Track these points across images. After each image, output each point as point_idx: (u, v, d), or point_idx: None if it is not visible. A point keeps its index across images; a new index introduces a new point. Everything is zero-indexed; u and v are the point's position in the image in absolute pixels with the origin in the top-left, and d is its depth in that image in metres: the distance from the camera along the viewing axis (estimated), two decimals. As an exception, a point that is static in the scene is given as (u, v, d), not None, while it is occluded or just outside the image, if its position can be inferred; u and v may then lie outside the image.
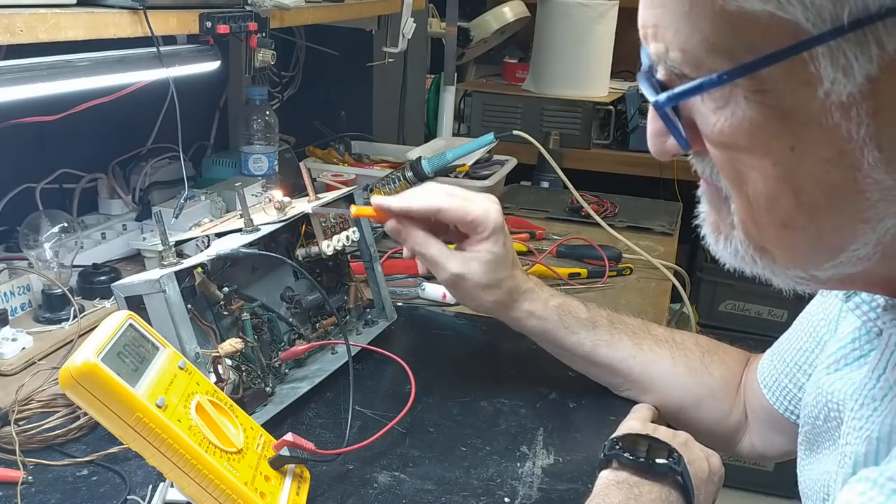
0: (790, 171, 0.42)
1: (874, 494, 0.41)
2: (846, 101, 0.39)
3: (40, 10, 0.85)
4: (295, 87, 1.98)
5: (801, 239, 0.46)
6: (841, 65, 0.38)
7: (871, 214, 0.43)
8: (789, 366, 0.82)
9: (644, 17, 0.46)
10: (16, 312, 1.12)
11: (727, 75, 0.41)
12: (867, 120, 0.39)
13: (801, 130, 0.41)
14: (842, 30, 0.37)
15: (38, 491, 0.78)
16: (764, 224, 0.46)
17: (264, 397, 0.92)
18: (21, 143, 1.28)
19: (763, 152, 0.43)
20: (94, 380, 0.63)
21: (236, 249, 0.90)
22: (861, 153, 0.40)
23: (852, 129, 0.40)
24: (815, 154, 0.41)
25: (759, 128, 0.42)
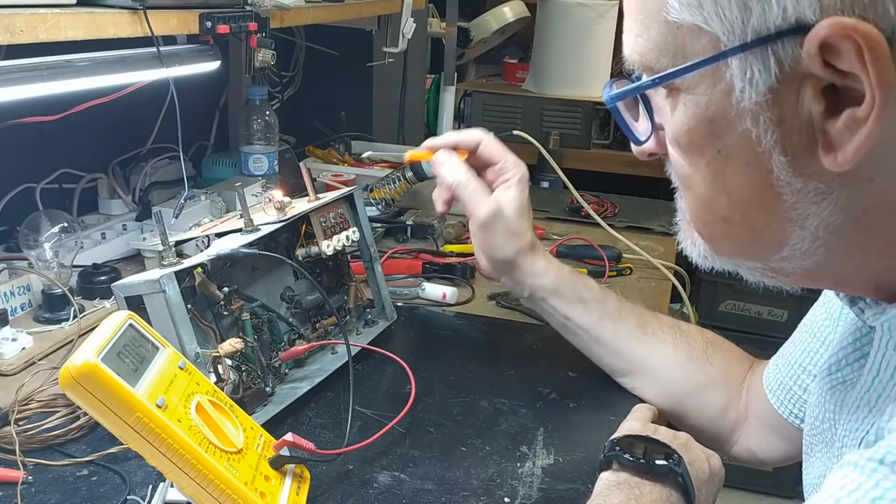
0: (720, 172, 0.48)
1: (856, 476, 0.41)
2: (754, 108, 0.44)
3: (40, 10, 0.85)
4: (295, 87, 1.98)
5: (742, 233, 0.50)
6: (748, 76, 0.43)
7: (793, 215, 0.47)
8: (793, 368, 0.82)
9: (625, 26, 0.51)
10: (16, 312, 1.12)
11: (660, 79, 0.47)
12: (773, 127, 0.44)
13: (723, 135, 0.46)
14: (747, 45, 0.42)
15: (38, 491, 0.78)
16: (709, 221, 0.52)
17: (264, 397, 0.92)
18: (21, 143, 1.28)
19: (699, 154, 0.49)
20: (94, 380, 0.63)
21: (236, 249, 0.90)
22: (770, 157, 0.45)
23: (762, 135, 0.45)
24: (737, 157, 0.47)
25: (694, 131, 0.48)
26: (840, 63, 0.41)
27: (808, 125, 0.44)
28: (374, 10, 1.82)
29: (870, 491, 0.40)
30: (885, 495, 0.39)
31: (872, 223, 0.46)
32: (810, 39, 0.41)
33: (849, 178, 0.45)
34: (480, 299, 1.29)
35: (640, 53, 0.49)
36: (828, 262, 0.49)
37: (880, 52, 0.39)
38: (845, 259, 0.49)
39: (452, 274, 1.35)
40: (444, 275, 1.35)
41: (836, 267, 0.50)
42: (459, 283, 1.32)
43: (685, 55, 0.46)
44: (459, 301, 1.27)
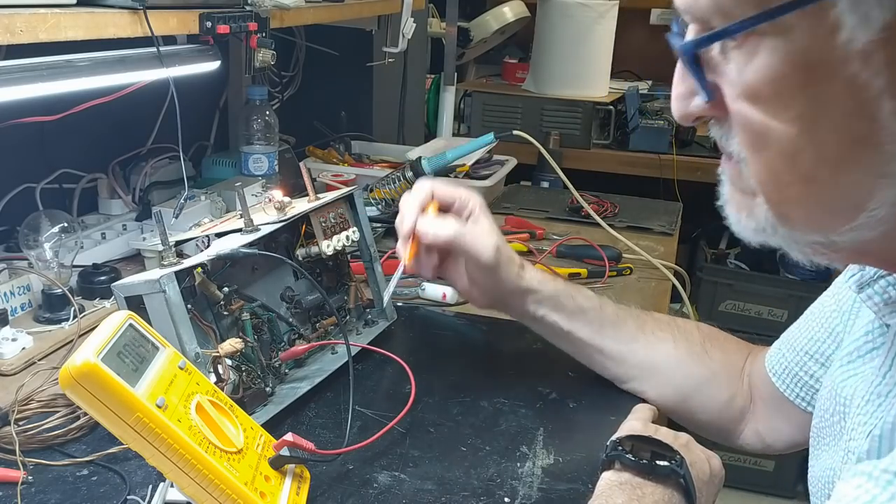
0: (811, 124, 0.43)
1: (870, 487, 0.41)
2: (865, 49, 0.40)
3: (40, 11, 0.85)
4: (295, 87, 1.98)
5: (825, 195, 0.46)
6: (860, 11, 0.39)
7: (889, 169, 0.43)
8: (800, 354, 0.82)
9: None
10: (16, 312, 1.12)
11: (753, 20, 0.42)
12: (884, 69, 0.40)
13: (822, 81, 0.42)
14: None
15: (38, 491, 0.78)
16: (786, 182, 0.46)
17: (264, 397, 0.92)
18: (21, 143, 1.28)
19: (786, 105, 0.43)
20: (94, 380, 0.62)
21: (236, 249, 0.90)
22: (878, 104, 0.41)
23: (871, 79, 0.40)
24: (836, 106, 0.42)
25: (784, 79, 0.43)
26: None
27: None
28: (374, 10, 1.82)
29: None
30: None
31: None
32: None
33: None
34: (480, 299, 1.29)
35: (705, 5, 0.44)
36: (891, 232, 0.46)
37: None
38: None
39: (452, 274, 1.35)
40: (444, 275, 1.34)
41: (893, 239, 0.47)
42: (459, 283, 1.32)
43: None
44: (459, 301, 1.27)
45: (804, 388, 0.82)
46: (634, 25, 2.85)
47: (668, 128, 2.46)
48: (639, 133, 2.49)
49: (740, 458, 2.41)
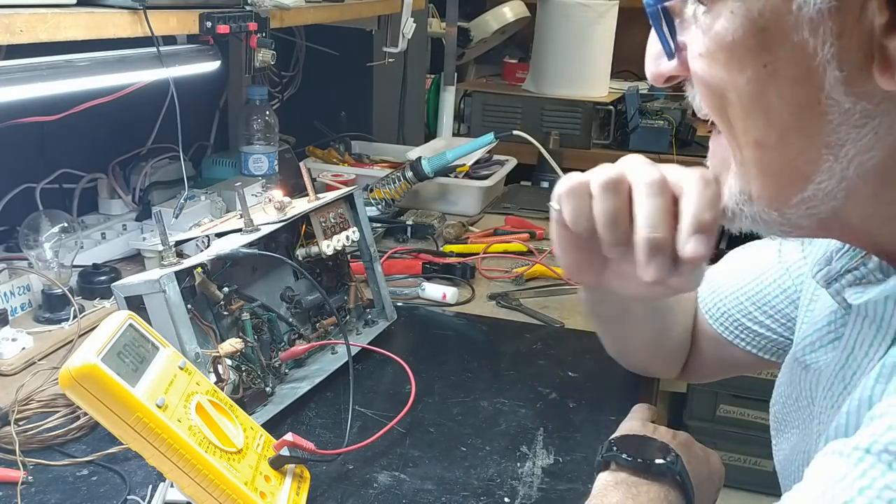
0: (762, 89, 0.46)
1: (841, 464, 0.41)
2: (815, 17, 0.42)
3: (40, 10, 0.85)
4: (295, 87, 1.98)
5: (774, 161, 0.48)
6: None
7: (832, 139, 0.45)
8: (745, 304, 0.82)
9: None
10: (16, 312, 1.12)
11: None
12: (832, 39, 0.43)
13: (774, 46, 0.44)
14: None
15: (38, 491, 0.78)
16: (741, 143, 0.49)
17: (264, 397, 0.92)
18: (21, 143, 1.28)
19: (739, 69, 0.46)
20: (94, 380, 0.63)
21: (236, 249, 0.90)
22: (824, 73, 0.43)
23: (818, 47, 0.43)
24: (785, 72, 0.45)
25: (739, 42, 0.45)
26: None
27: (868, 39, 0.42)
28: (374, 10, 1.82)
29: (856, 480, 0.40)
30: (872, 484, 0.39)
31: None
32: None
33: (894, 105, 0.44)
34: (480, 299, 1.29)
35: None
36: (844, 208, 0.48)
37: None
38: (858, 207, 0.49)
39: (452, 274, 1.35)
40: (444, 275, 1.35)
41: (849, 215, 0.49)
42: (459, 283, 1.32)
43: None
44: (459, 301, 1.27)
45: (748, 333, 0.83)
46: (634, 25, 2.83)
47: (668, 128, 2.46)
48: (639, 133, 2.49)
49: (741, 458, 2.41)
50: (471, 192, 1.73)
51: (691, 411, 2.47)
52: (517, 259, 1.45)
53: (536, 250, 1.47)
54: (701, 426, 2.43)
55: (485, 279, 1.37)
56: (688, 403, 2.47)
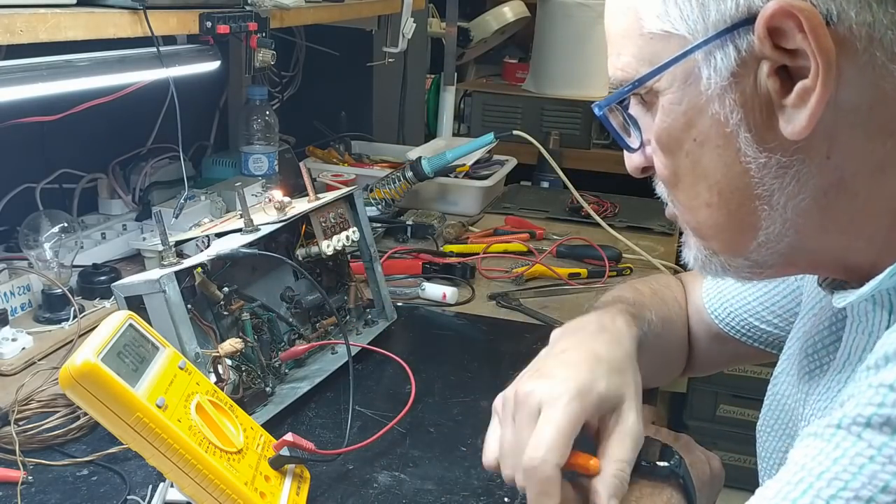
0: (697, 159, 0.54)
1: (817, 444, 0.44)
2: (720, 92, 0.50)
3: (40, 10, 0.85)
4: (295, 87, 1.98)
5: (723, 218, 0.55)
6: (712, 64, 0.50)
7: (760, 191, 0.52)
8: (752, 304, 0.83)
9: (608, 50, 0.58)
10: (16, 312, 1.12)
11: (641, 79, 0.53)
12: (737, 107, 0.50)
13: (697, 123, 0.52)
14: (709, 39, 0.50)
15: (38, 491, 0.78)
16: (695, 208, 0.57)
17: (264, 397, 0.92)
18: (21, 143, 1.28)
19: (678, 147, 0.55)
20: (94, 380, 0.62)
21: (236, 249, 0.90)
22: (737, 136, 0.51)
23: (728, 116, 0.51)
24: (710, 141, 0.52)
25: (672, 127, 0.54)
26: (787, 43, 0.47)
27: (768, 102, 0.49)
28: (374, 10, 1.82)
29: (831, 453, 0.42)
30: (846, 454, 0.42)
31: (832, 203, 0.51)
32: (759, 23, 0.47)
33: (806, 153, 0.50)
34: (480, 299, 1.29)
35: (622, 69, 0.55)
36: (800, 243, 0.54)
37: (816, 23, 0.46)
38: (813, 240, 0.54)
39: (452, 274, 1.35)
40: (444, 275, 1.35)
41: (807, 249, 0.55)
42: (459, 283, 1.32)
43: (659, 59, 0.52)
44: (459, 301, 1.27)
45: (755, 331, 0.84)
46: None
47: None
48: (639, 133, 2.49)
49: (741, 458, 2.41)
50: (471, 192, 1.73)
51: (691, 411, 2.47)
52: (517, 259, 1.45)
53: (536, 250, 1.47)
54: (701, 426, 2.43)
55: (485, 279, 1.37)
56: (688, 403, 2.47)
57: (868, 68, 0.48)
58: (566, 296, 1.33)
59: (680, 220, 0.61)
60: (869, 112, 0.49)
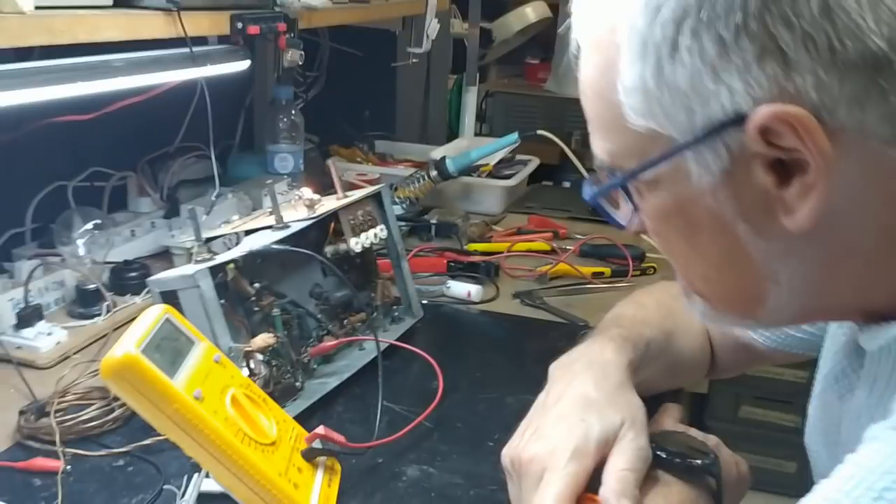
0: (692, 240, 0.53)
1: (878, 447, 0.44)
2: (711, 188, 0.49)
3: (79, 12, 0.87)
4: (319, 87, 1.99)
5: (724, 290, 0.55)
6: (702, 163, 0.48)
7: (764, 271, 0.51)
8: None
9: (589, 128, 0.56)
10: (50, 307, 1.14)
11: (630, 175, 0.53)
12: (730, 201, 0.49)
13: (689, 211, 0.51)
14: (698, 139, 0.47)
15: (76, 480, 0.80)
16: (693, 279, 0.57)
17: (294, 392, 0.93)
18: (54, 142, 1.31)
19: (671, 227, 0.54)
20: (134, 371, 0.64)
21: (268, 245, 0.92)
22: (735, 226, 0.50)
23: (722, 209, 0.49)
24: (704, 228, 0.51)
25: (662, 212, 0.53)
26: (781, 141, 0.45)
27: (765, 195, 0.47)
28: (398, 11, 1.83)
29: (886, 451, 0.43)
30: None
31: (843, 268, 0.50)
32: (749, 127, 0.45)
33: (810, 235, 0.48)
34: (505, 297, 1.30)
35: (609, 155, 0.54)
36: (812, 302, 0.54)
37: (811, 126, 0.44)
38: (826, 298, 0.53)
39: (477, 272, 1.36)
40: (468, 273, 1.36)
41: (821, 308, 0.55)
42: (484, 282, 1.33)
43: (647, 154, 0.51)
44: (484, 299, 1.28)
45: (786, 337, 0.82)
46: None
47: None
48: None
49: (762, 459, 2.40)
50: (494, 191, 1.74)
51: (712, 412, 2.46)
52: (541, 258, 1.45)
53: (560, 249, 1.48)
54: (722, 427, 2.42)
55: (509, 277, 1.38)
56: (709, 404, 2.46)
57: (867, 154, 0.46)
58: (590, 294, 1.33)
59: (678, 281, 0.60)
60: (873, 188, 0.47)
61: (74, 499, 0.77)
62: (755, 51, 0.43)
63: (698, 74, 0.45)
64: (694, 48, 0.45)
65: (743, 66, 0.44)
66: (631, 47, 0.48)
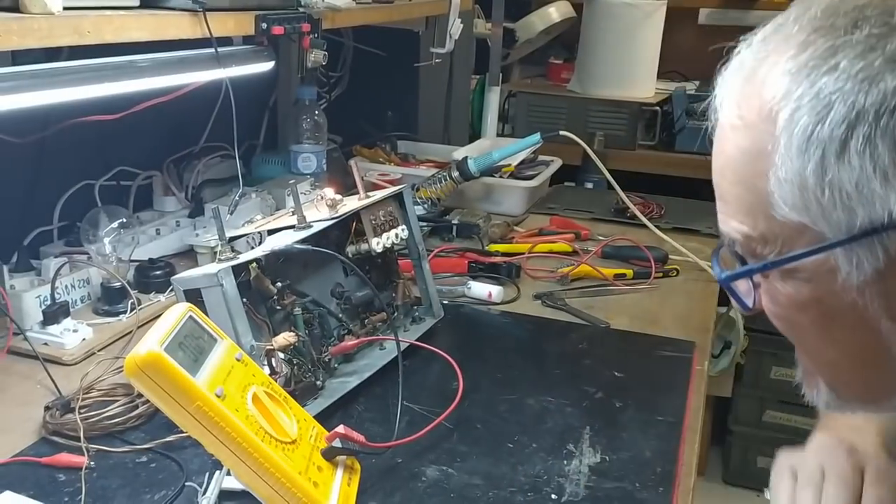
0: (826, 329, 0.52)
1: None
2: (860, 285, 0.48)
3: (107, 13, 0.88)
4: (342, 87, 2.00)
5: (856, 381, 0.54)
6: (854, 262, 0.47)
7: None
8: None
9: (719, 205, 0.55)
10: (76, 305, 1.16)
11: (772, 264, 0.51)
12: (878, 299, 0.48)
13: (829, 302, 0.50)
14: (854, 238, 0.46)
15: (99, 476, 0.81)
16: (819, 365, 0.56)
17: (315, 391, 0.94)
18: (81, 142, 1.32)
19: (800, 318, 0.53)
20: (158, 369, 0.65)
21: (290, 245, 0.92)
22: (878, 322, 0.49)
23: (868, 305, 0.48)
24: (842, 320, 0.50)
25: (796, 302, 0.52)
26: None
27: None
28: (422, 11, 1.83)
29: None
30: None
31: None
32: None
33: None
34: (526, 298, 1.30)
35: (743, 237, 0.52)
36: None
37: None
38: None
39: (498, 273, 1.36)
40: (489, 274, 1.36)
41: None
42: (505, 282, 1.33)
43: (791, 245, 0.49)
44: (505, 300, 1.28)
45: None
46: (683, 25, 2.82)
47: (716, 129, 2.43)
48: (685, 134, 2.46)
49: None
50: (516, 192, 1.74)
51: (737, 416, 2.44)
52: (562, 259, 1.45)
53: (582, 250, 1.47)
54: (747, 431, 2.40)
55: (530, 279, 1.38)
56: (733, 408, 2.44)
57: None
58: (611, 296, 1.33)
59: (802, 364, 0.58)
60: None
61: (98, 494, 0.78)
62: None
63: (866, 178, 0.44)
64: (866, 153, 0.44)
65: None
66: (792, 141, 0.46)
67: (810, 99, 0.45)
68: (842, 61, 0.45)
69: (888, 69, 0.43)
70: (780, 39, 0.49)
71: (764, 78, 0.48)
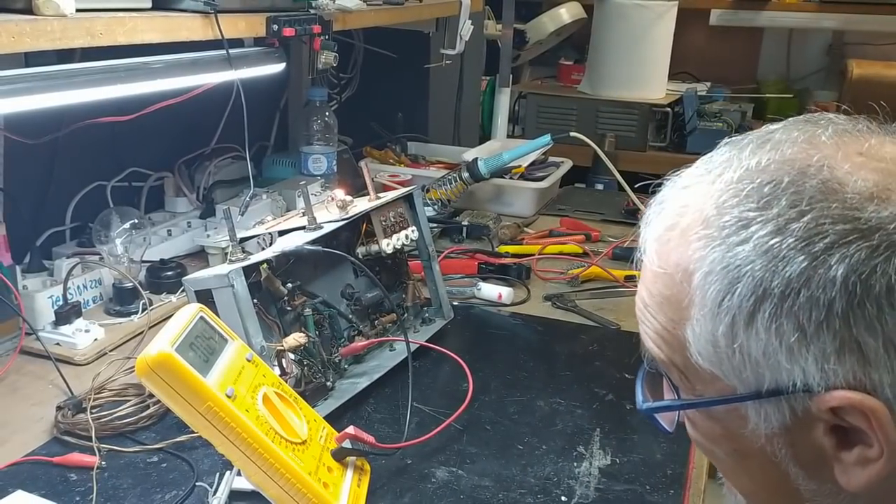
0: (739, 462, 0.53)
1: None
2: (768, 434, 0.49)
3: (119, 14, 0.88)
4: (353, 88, 2.01)
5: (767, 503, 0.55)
6: (762, 415, 0.48)
7: (811, 500, 0.50)
8: None
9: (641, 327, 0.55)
10: (88, 305, 1.16)
11: (688, 405, 0.53)
12: (786, 448, 0.49)
13: (740, 443, 0.51)
14: (761, 396, 0.47)
15: (111, 476, 0.81)
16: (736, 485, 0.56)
17: (325, 391, 0.94)
18: (94, 143, 1.33)
19: (720, 446, 0.53)
20: (168, 369, 0.65)
21: (301, 246, 0.92)
22: (787, 466, 0.49)
23: (776, 452, 0.49)
24: (753, 459, 0.51)
25: (711, 435, 0.53)
26: (849, 418, 0.45)
27: (822, 451, 0.47)
28: (432, 13, 1.83)
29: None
30: None
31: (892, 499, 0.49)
32: (819, 403, 0.45)
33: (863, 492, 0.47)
34: (536, 300, 1.30)
35: (665, 363, 0.53)
36: None
37: (884, 418, 0.44)
38: None
39: (508, 274, 1.36)
40: (499, 275, 1.36)
41: None
42: (515, 284, 1.33)
43: (704, 388, 0.51)
44: (515, 301, 1.28)
45: None
46: (694, 26, 2.81)
47: (727, 130, 2.42)
48: (697, 135, 2.46)
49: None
50: (526, 193, 1.73)
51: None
52: (573, 260, 1.45)
53: (592, 252, 1.47)
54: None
55: (540, 280, 1.37)
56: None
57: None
58: (622, 298, 1.32)
59: None
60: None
61: (109, 494, 0.78)
62: (835, 345, 0.44)
63: (773, 351, 0.45)
64: (772, 328, 0.45)
65: (821, 356, 0.44)
66: (705, 302, 0.47)
67: (722, 268, 0.46)
68: (753, 236, 0.45)
69: (796, 254, 0.44)
70: (701, 194, 0.49)
71: (683, 231, 0.49)
